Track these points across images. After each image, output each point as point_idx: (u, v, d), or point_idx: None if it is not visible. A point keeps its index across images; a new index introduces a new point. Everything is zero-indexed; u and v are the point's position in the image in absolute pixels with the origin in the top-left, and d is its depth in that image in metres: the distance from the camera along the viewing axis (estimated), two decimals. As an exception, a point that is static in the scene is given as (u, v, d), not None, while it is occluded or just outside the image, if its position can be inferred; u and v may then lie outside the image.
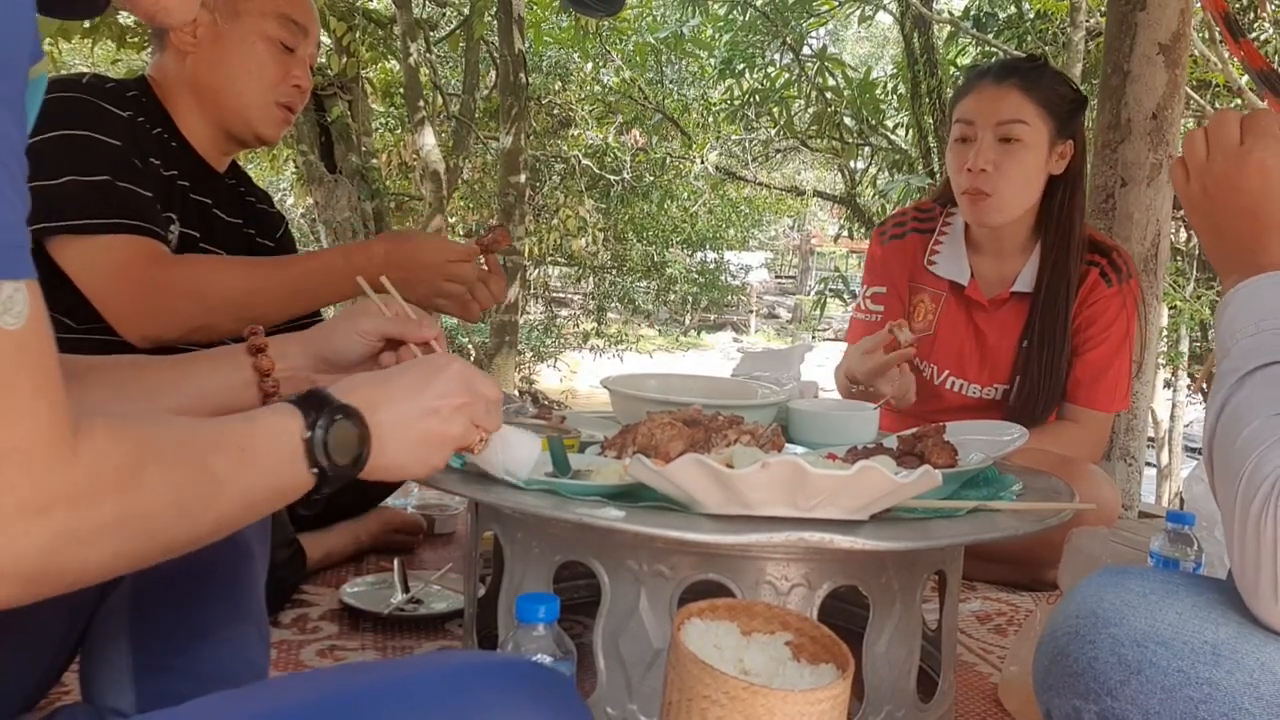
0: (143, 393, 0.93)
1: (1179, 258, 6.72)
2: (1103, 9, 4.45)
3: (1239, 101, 5.58)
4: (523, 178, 6.97)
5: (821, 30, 10.28)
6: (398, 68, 7.86)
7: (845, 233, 10.16)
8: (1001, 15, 6.90)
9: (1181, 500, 5.40)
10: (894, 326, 1.72)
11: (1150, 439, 3.55)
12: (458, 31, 8.23)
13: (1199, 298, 6.39)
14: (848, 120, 8.03)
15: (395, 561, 1.72)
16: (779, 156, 11.68)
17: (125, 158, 1.41)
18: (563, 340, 10.73)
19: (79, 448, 0.56)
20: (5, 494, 0.52)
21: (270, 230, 1.77)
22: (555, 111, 9.41)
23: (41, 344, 0.53)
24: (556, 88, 9.34)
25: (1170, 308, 6.21)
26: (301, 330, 1.05)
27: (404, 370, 0.85)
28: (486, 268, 1.71)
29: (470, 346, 8.64)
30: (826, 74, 7.89)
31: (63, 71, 5.10)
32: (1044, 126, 1.87)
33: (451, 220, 8.62)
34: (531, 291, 10.38)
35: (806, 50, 8.33)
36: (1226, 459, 0.78)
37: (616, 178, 9.56)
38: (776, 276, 22.11)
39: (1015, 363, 2.00)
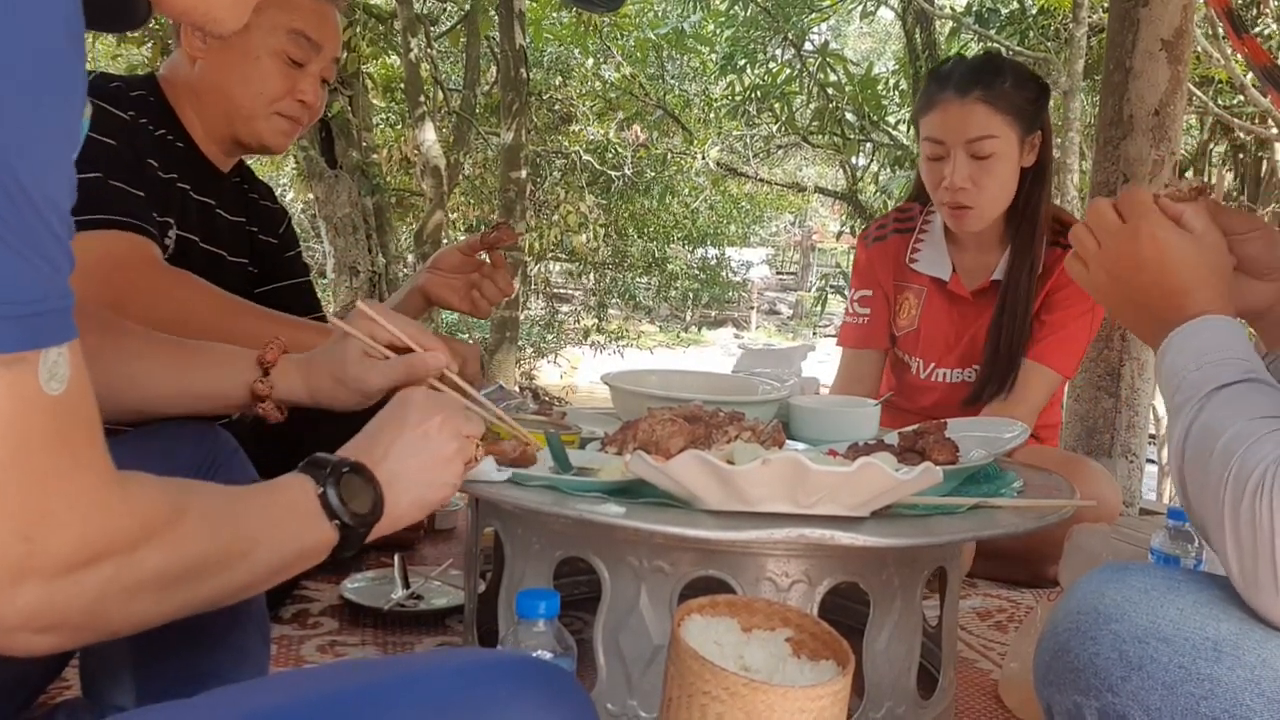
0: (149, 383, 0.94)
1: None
2: (1105, 5, 4.44)
3: (1241, 98, 5.57)
4: (523, 173, 6.97)
5: (823, 26, 10.26)
6: (398, 63, 7.85)
7: (847, 229, 10.16)
8: (1004, 11, 6.89)
9: (1182, 497, 5.38)
10: None
11: (1151, 436, 3.55)
12: (458, 27, 8.22)
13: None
14: (849, 116, 8.01)
15: (396, 557, 1.72)
16: (780, 153, 11.67)
17: (119, 157, 1.40)
18: (563, 336, 10.71)
19: (128, 498, 0.58)
20: (58, 548, 0.53)
21: (273, 227, 1.76)
22: (556, 107, 9.39)
23: (85, 402, 0.55)
24: (557, 83, 9.32)
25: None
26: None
27: (377, 420, 0.88)
28: (491, 262, 1.71)
29: (470, 342, 8.63)
30: (828, 70, 7.87)
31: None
32: (1013, 133, 1.88)
33: (452, 216, 8.62)
34: (532, 287, 10.37)
35: (808, 46, 8.32)
36: (1205, 470, 0.79)
37: (617, 174, 9.54)
38: (778, 273, 22.09)
39: (985, 345, 2.02)
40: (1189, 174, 6.93)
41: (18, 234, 0.49)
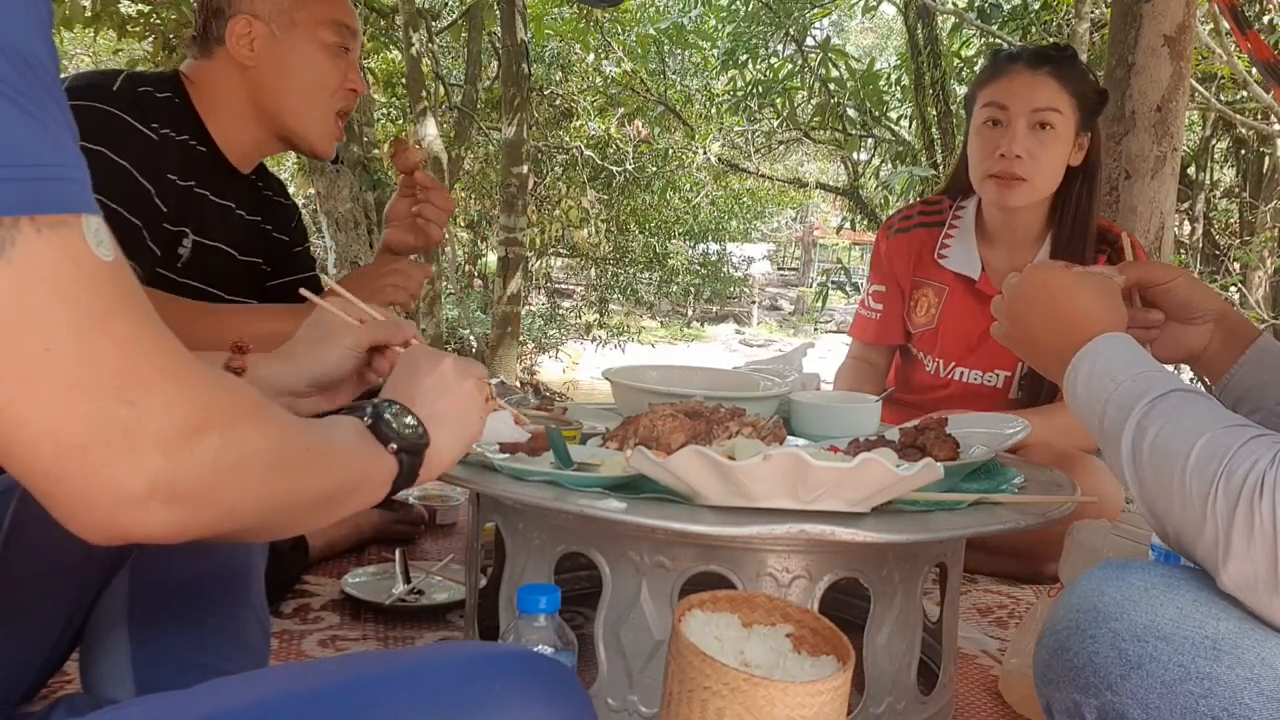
0: None
1: (1182, 250, 6.71)
2: (1107, 0, 4.43)
3: (1243, 94, 5.56)
4: (525, 168, 6.96)
5: (825, 21, 10.26)
6: (400, 58, 7.84)
7: (848, 224, 10.15)
8: (1006, 6, 6.87)
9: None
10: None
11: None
12: (460, 22, 8.21)
13: (1202, 291, 6.37)
14: (851, 112, 8.01)
15: (397, 552, 1.72)
16: (782, 148, 11.65)
17: (124, 181, 1.39)
18: (565, 331, 10.72)
19: (217, 376, 0.57)
20: (161, 413, 0.52)
21: (284, 223, 1.77)
22: (557, 102, 9.38)
23: (134, 278, 0.54)
24: (558, 78, 9.31)
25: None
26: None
27: (394, 376, 0.88)
28: (423, 186, 1.70)
29: (472, 337, 8.64)
30: (830, 65, 7.86)
31: (63, 62, 5.07)
32: (1073, 117, 1.88)
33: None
34: (534, 282, 10.37)
35: (810, 41, 8.31)
36: (1183, 484, 0.79)
37: (619, 169, 9.53)
38: (779, 268, 22.09)
39: None
40: (1190, 170, 6.93)
41: (33, 101, 0.49)
